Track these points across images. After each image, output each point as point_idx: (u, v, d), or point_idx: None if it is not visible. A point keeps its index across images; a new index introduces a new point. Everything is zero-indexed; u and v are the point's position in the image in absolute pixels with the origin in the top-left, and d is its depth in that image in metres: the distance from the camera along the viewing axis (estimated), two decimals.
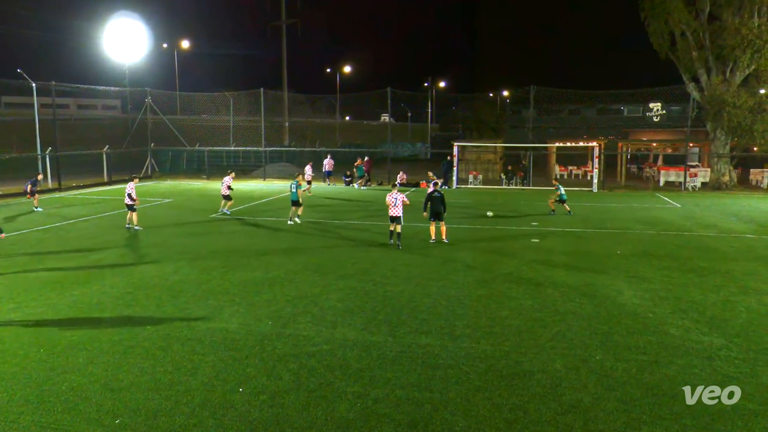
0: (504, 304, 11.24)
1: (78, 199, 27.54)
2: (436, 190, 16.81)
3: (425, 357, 8.65)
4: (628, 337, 9.48)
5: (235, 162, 43.99)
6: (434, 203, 16.64)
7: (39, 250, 16.02)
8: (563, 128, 54.87)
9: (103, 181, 35.15)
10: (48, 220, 20.89)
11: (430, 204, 16.70)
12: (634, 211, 24.66)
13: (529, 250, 16.25)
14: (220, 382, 7.79)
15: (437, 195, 16.65)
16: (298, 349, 8.93)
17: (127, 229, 18.71)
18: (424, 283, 12.72)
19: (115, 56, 39.45)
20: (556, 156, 40.92)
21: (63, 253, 15.51)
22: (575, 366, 8.36)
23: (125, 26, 38.88)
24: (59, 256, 15.13)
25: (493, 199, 28.32)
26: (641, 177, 41.13)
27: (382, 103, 40.56)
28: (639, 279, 13.17)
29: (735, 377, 8.01)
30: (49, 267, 14.07)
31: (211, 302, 11.26)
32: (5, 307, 10.93)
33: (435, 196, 16.63)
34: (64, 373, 8.04)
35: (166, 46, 78.75)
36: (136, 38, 39.42)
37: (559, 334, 9.65)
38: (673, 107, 52.23)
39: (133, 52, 39.65)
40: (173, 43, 77.68)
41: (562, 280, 13.04)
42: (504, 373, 8.12)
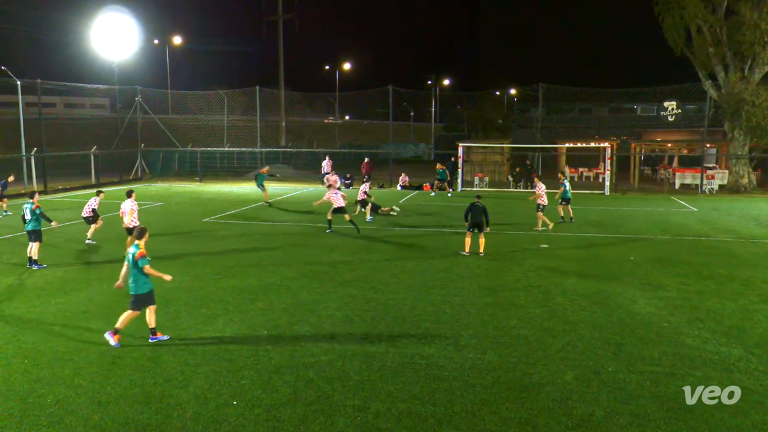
0: (511, 313, 11.22)
1: (64, 203, 27.56)
2: (479, 200, 16.50)
3: (428, 368, 8.64)
4: (642, 348, 9.47)
5: (229, 163, 44.11)
6: (475, 213, 16.25)
7: (22, 255, 16.01)
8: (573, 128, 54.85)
9: (91, 183, 35.19)
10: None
11: (471, 214, 16.27)
12: (648, 215, 24.64)
13: (538, 256, 16.23)
14: (213, 395, 7.78)
15: (479, 205, 16.29)
16: (295, 360, 8.92)
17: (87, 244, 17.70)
18: (427, 290, 12.71)
19: (103, 53, 39.52)
20: (566, 157, 40.94)
21: (48, 259, 15.49)
22: (586, 378, 8.35)
23: (114, 21, 38.96)
24: (44, 262, 15.10)
25: (499, 203, 28.33)
26: (655, 179, 41.11)
27: (383, 101, 40.61)
28: (653, 286, 13.15)
29: (755, 390, 7.98)
30: (34, 273, 14.08)
31: (203, 311, 11.26)
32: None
33: (477, 206, 16.27)
34: (50, 386, 8.03)
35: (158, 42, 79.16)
36: (126, 34, 39.50)
37: (570, 344, 9.63)
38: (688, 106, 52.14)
39: (123, 48, 39.72)
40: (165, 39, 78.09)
41: (572, 287, 13.03)
42: (512, 386, 8.11)
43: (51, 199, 28.79)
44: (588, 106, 61.18)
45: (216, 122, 46.62)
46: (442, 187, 33.41)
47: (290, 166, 43.09)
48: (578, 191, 32.13)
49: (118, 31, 38.96)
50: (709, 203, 28.53)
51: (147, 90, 43.52)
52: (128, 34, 39.65)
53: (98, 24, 38.75)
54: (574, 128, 54.92)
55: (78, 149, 38.65)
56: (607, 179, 33.53)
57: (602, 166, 36.48)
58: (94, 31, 38.93)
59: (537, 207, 20.28)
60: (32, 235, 14.92)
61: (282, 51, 51.79)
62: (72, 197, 29.85)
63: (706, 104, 35.74)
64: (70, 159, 37.66)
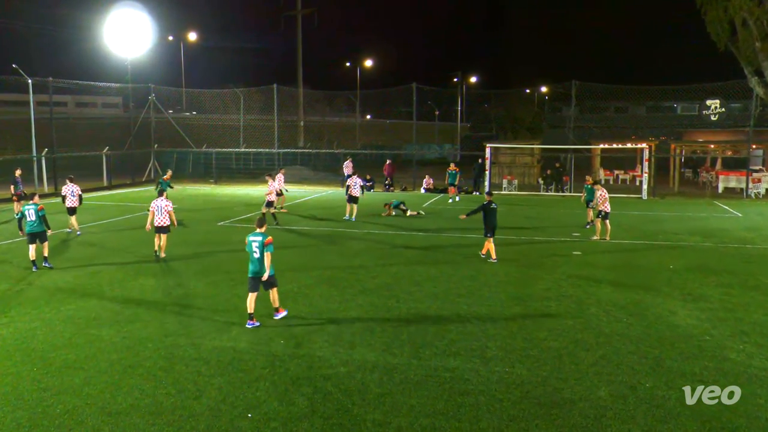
0: (541, 324, 11.15)
1: None
2: (492, 202, 16.35)
3: (453, 382, 8.61)
4: (682, 363, 9.34)
5: (245, 165, 44.47)
6: (492, 216, 16.10)
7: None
8: (608, 128, 54.38)
9: (103, 185, 35.74)
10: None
11: (488, 216, 16.06)
12: (689, 220, 24.34)
13: (570, 264, 16.11)
14: (227, 407, 7.84)
15: (495, 206, 16.19)
16: (312, 371, 8.95)
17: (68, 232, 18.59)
18: (452, 299, 12.67)
19: (116, 50, 40.19)
20: (600, 159, 40.57)
21: (58, 264, 15.76)
22: (622, 394, 8.25)
23: (128, 18, 39.59)
24: (54, 267, 15.37)
25: (529, 207, 28.15)
26: (697, 183, 40.60)
27: (406, 100, 40.66)
28: (694, 297, 12.98)
29: None
30: (44, 279, 14.32)
31: (217, 318, 11.35)
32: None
33: (493, 208, 16.13)
34: (59, 395, 8.15)
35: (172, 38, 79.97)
36: (140, 30, 40.11)
37: (604, 358, 9.53)
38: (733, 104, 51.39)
39: (136, 45, 40.35)
40: (179, 35, 78.89)
41: (607, 297, 12.90)
42: (542, 402, 8.04)
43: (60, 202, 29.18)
44: (624, 105, 60.64)
45: (232, 122, 47.02)
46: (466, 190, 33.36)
47: (308, 168, 43.31)
48: (614, 195, 31.70)
49: (132, 27, 39.55)
50: (754, 208, 28.08)
51: (161, 88, 44.09)
52: (142, 30, 40.25)
53: (111, 20, 39.39)
54: (610, 128, 54.45)
55: (89, 150, 39.24)
56: (644, 182, 33.14)
57: (639, 169, 36.08)
58: (107, 28, 39.58)
59: (598, 214, 19.54)
60: (39, 237, 15.20)
61: (301, 47, 52.21)
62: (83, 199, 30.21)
63: (752, 102, 35.14)
64: (81, 160, 38.21)
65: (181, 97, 51.66)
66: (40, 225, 15.18)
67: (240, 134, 45.85)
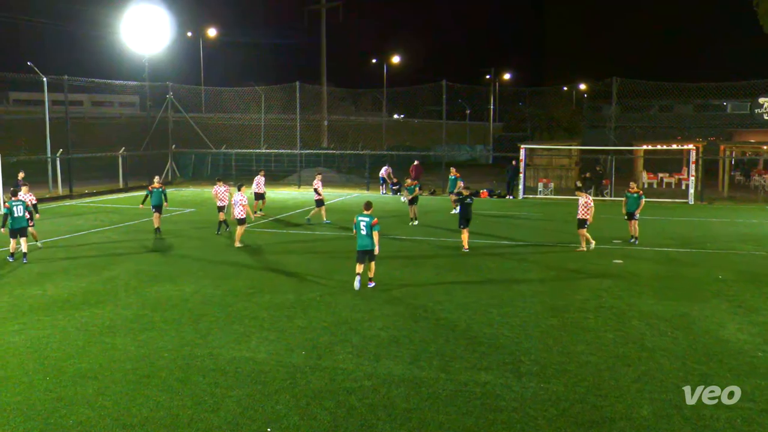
0: (579, 337, 11.05)
1: (90, 208, 28.49)
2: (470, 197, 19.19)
3: (484, 398, 8.57)
4: (731, 380, 9.18)
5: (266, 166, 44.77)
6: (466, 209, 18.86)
7: (46, 265, 16.62)
8: (652, 128, 53.77)
9: (119, 187, 36.29)
10: (56, 231, 21.66)
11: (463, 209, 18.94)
12: (740, 227, 23.98)
13: (610, 274, 15.95)
14: (246, 421, 7.89)
15: (470, 202, 18.99)
16: (335, 384, 8.98)
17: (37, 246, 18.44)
18: (483, 309, 12.62)
19: (133, 47, 40.87)
20: (643, 161, 40.12)
21: (72, 269, 16.04)
22: (666, 413, 8.14)
23: (145, 14, 40.23)
24: (68, 272, 15.65)
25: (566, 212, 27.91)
26: (749, 186, 39.93)
27: (436, 98, 40.67)
28: (745, 310, 12.78)
29: None
30: (57, 284, 14.57)
31: (236, 328, 11.44)
32: (8, 328, 11.36)
33: (468, 203, 18.89)
34: (72, 405, 8.28)
35: (191, 35, 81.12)
36: (158, 27, 40.76)
37: (647, 374, 9.42)
38: None
39: (154, 42, 40.99)
40: (199, 31, 79.93)
41: (650, 309, 12.76)
42: (579, 420, 7.97)
43: (76, 204, 29.78)
44: (669, 103, 59.83)
45: (252, 121, 47.46)
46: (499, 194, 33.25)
47: (332, 170, 43.43)
48: (658, 200, 31.49)
49: (150, 23, 40.17)
50: None
51: (179, 87, 44.66)
52: (160, 27, 40.88)
53: (128, 17, 40.05)
54: (653, 128, 53.82)
55: (105, 150, 39.86)
56: (691, 186, 32.69)
57: (686, 172, 35.59)
58: (124, 25, 40.25)
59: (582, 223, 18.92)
60: (20, 232, 16.66)
61: (324, 43, 52.48)
62: (98, 203, 30.81)
63: None
64: (97, 161, 38.85)
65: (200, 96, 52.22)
66: (25, 220, 16.68)
67: (261, 134, 46.23)
